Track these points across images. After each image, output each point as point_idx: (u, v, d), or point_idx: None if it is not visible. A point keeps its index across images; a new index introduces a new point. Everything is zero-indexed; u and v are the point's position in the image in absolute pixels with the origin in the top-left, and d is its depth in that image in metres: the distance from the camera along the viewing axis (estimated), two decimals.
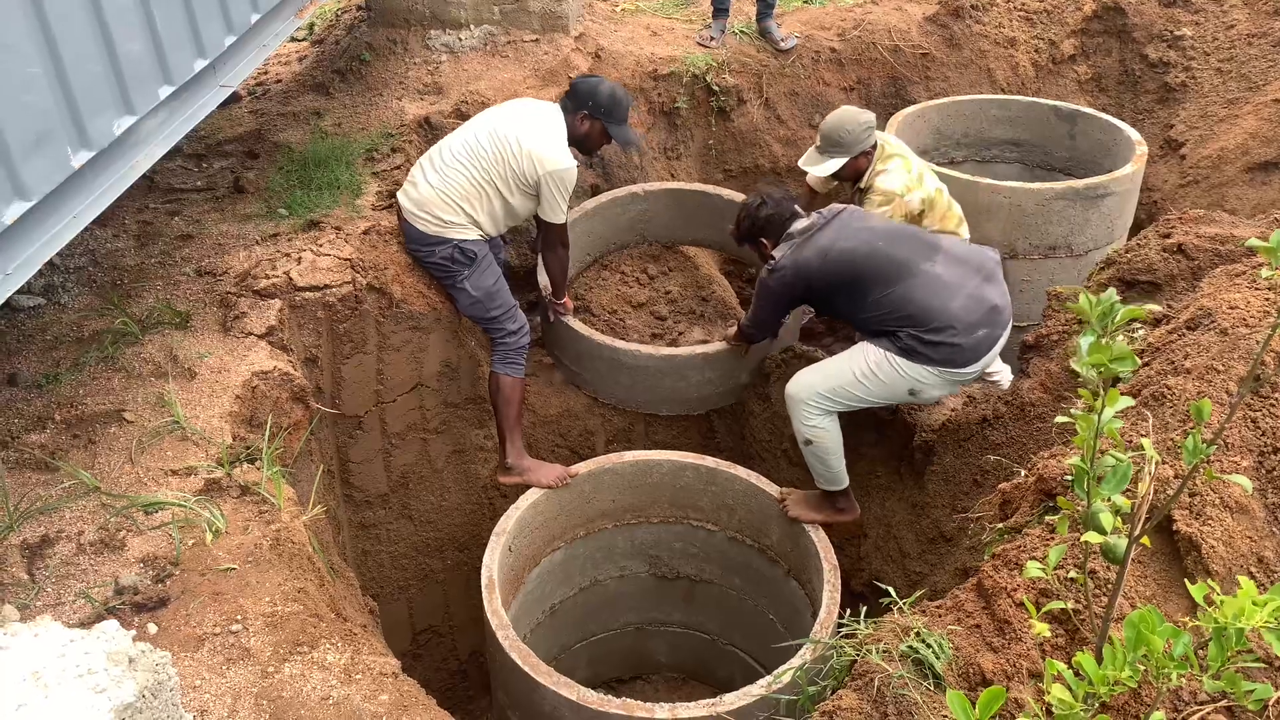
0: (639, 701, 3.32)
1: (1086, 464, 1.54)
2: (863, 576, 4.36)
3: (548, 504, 4.22)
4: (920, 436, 4.18)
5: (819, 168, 4.59)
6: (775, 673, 3.32)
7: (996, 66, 6.90)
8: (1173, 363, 2.63)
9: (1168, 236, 3.69)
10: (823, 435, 4.00)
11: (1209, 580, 2.31)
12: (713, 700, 3.29)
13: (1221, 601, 1.56)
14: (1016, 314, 5.31)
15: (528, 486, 4.20)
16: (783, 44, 6.42)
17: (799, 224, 4.11)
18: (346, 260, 4.10)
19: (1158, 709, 1.92)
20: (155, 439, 3.22)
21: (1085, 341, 1.42)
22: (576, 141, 4.36)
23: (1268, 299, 2.68)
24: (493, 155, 4.21)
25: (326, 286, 4.00)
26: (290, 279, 3.95)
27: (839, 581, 3.77)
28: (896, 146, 4.68)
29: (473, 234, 4.30)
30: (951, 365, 3.81)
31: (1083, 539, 1.59)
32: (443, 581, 4.86)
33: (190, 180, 4.79)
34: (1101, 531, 1.59)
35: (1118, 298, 1.45)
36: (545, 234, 4.48)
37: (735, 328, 4.64)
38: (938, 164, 5.68)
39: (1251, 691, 1.73)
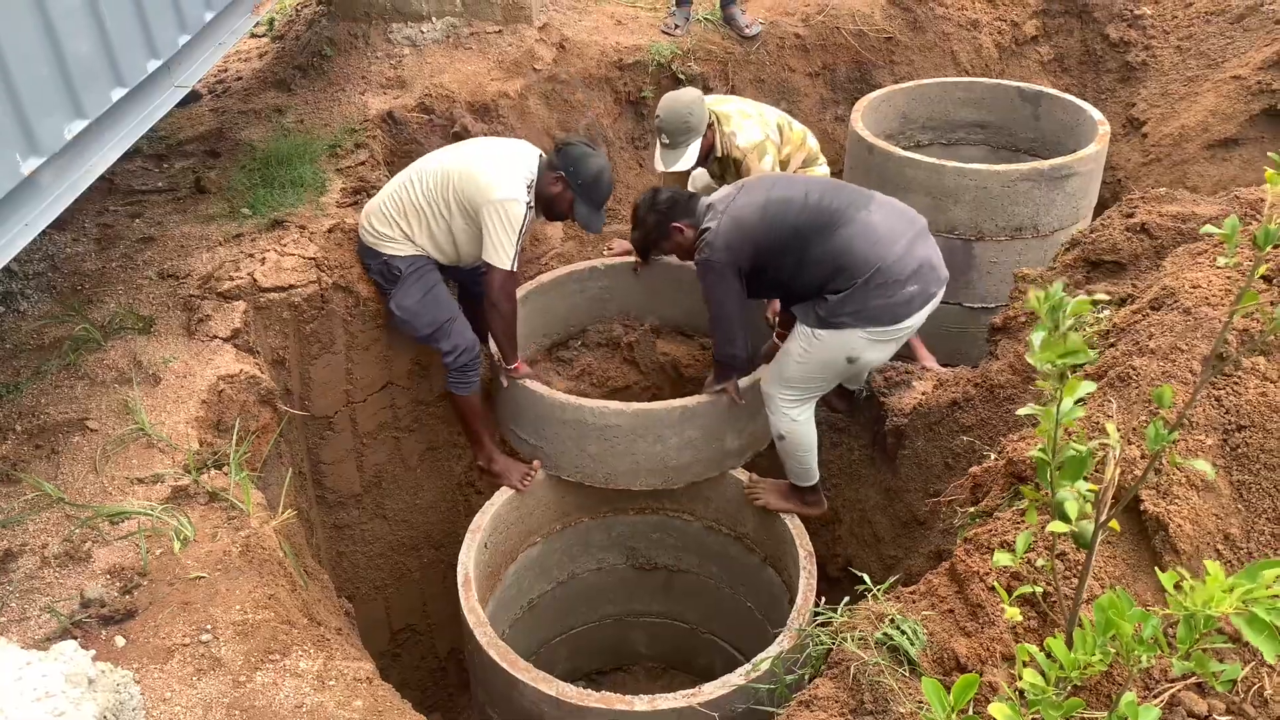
0: (618, 695, 3.32)
1: (1048, 454, 1.54)
2: (838, 562, 4.38)
3: (523, 499, 4.21)
4: (891, 421, 4.19)
5: (683, 160, 4.30)
6: (753, 662, 3.33)
7: (960, 49, 6.91)
8: (1137, 343, 2.65)
9: (1131, 216, 3.71)
10: (794, 429, 3.91)
11: (1177, 559, 2.33)
12: (691, 691, 3.30)
13: (1191, 589, 1.56)
14: (984, 295, 5.37)
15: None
16: (747, 30, 6.40)
17: (713, 197, 3.94)
18: (311, 259, 4.06)
19: (1129, 689, 1.93)
20: (120, 447, 3.18)
21: (1037, 337, 1.41)
22: (540, 199, 4.05)
23: (1229, 278, 2.70)
24: (440, 175, 4.00)
25: (291, 287, 3.96)
26: (254, 280, 3.90)
27: (815, 568, 3.79)
28: (726, 107, 4.49)
29: (405, 250, 4.07)
30: (879, 324, 3.66)
31: (1048, 529, 1.60)
32: (419, 580, 4.84)
33: (151, 181, 4.73)
34: (1066, 520, 1.60)
35: (1062, 289, 1.44)
36: (486, 283, 4.02)
37: (711, 374, 4.25)
38: (904, 147, 5.68)
39: (1220, 672, 1.74)
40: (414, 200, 4.03)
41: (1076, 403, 1.55)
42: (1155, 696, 2.21)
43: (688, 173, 4.69)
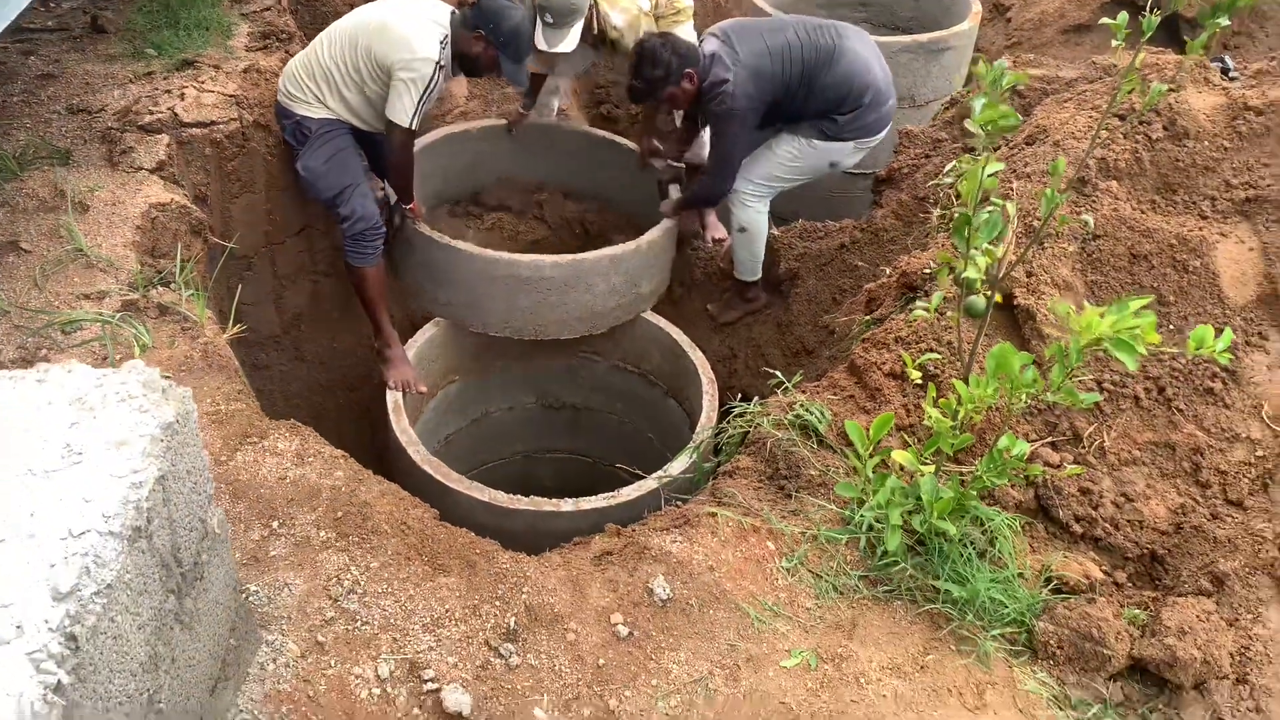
0: (544, 499, 3.62)
1: (969, 213, 1.90)
2: (734, 393, 4.78)
3: (444, 337, 4.42)
4: (785, 265, 4.58)
5: (566, 40, 4.30)
6: (665, 468, 3.68)
7: None
8: (1015, 170, 3.07)
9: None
10: (755, 221, 4.43)
11: (1043, 343, 2.79)
12: (611, 494, 3.64)
13: (1075, 319, 1.95)
14: (863, 161, 5.75)
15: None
16: None
17: (705, 49, 4.15)
18: (232, 97, 4.08)
19: (1006, 434, 2.37)
20: (59, 267, 3.23)
21: (978, 103, 1.75)
22: (461, 58, 4.08)
23: (1091, 117, 3.13)
24: (349, 37, 4.00)
25: (214, 123, 3.98)
26: (176, 115, 3.91)
27: (716, 393, 4.17)
28: None
29: (316, 111, 4.08)
30: (867, 135, 4.29)
31: (963, 275, 1.97)
32: (335, 420, 4.99)
33: (39, 20, 4.58)
34: (978, 272, 1.97)
35: (1008, 65, 1.78)
36: (386, 139, 4.11)
37: (675, 200, 4.58)
38: None
39: (1082, 400, 2.18)
40: (323, 63, 4.04)
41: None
42: None
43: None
